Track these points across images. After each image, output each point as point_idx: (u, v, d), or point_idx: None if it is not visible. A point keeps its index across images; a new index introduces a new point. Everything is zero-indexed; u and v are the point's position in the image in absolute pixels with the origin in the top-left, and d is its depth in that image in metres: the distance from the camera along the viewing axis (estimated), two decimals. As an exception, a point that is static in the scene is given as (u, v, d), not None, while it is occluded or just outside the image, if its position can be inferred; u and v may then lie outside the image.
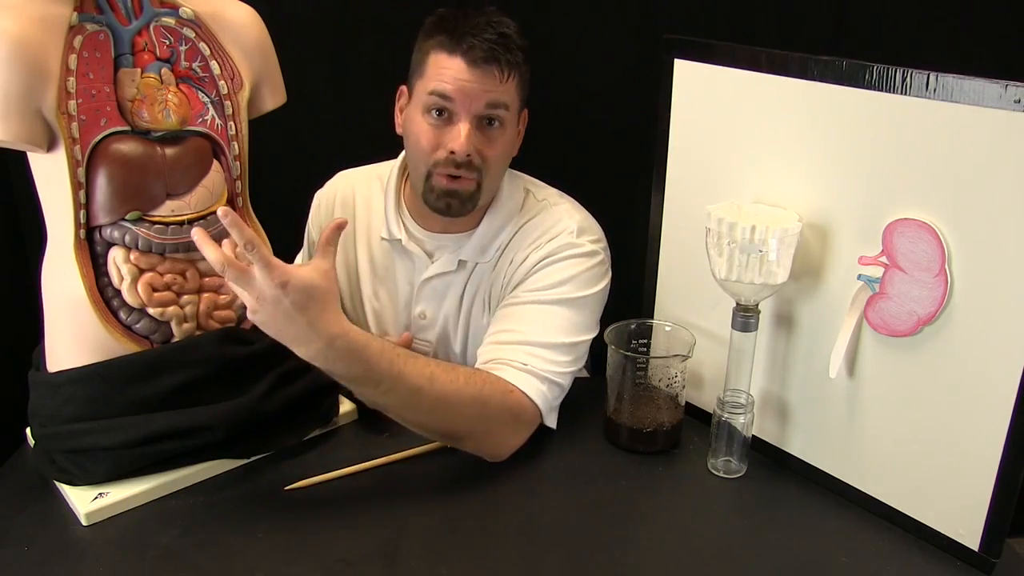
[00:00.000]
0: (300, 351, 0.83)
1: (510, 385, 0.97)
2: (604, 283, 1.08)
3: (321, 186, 1.24)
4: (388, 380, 0.88)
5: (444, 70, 0.98)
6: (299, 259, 1.28)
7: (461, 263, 1.10)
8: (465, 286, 1.11)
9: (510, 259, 1.08)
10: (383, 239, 1.14)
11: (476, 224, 1.09)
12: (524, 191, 1.12)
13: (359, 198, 1.17)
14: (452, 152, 1.00)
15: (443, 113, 1.00)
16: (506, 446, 0.98)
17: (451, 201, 1.03)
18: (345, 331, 0.84)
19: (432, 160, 1.01)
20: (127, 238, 0.88)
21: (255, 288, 0.80)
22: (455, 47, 0.98)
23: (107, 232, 0.88)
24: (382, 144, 1.16)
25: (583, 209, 1.11)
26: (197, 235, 0.82)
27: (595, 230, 1.09)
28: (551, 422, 1.03)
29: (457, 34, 0.98)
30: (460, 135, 0.99)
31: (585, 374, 1.35)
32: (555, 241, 1.06)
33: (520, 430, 0.99)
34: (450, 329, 1.14)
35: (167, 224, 0.90)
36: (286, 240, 1.26)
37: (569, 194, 1.13)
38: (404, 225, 1.12)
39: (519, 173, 1.15)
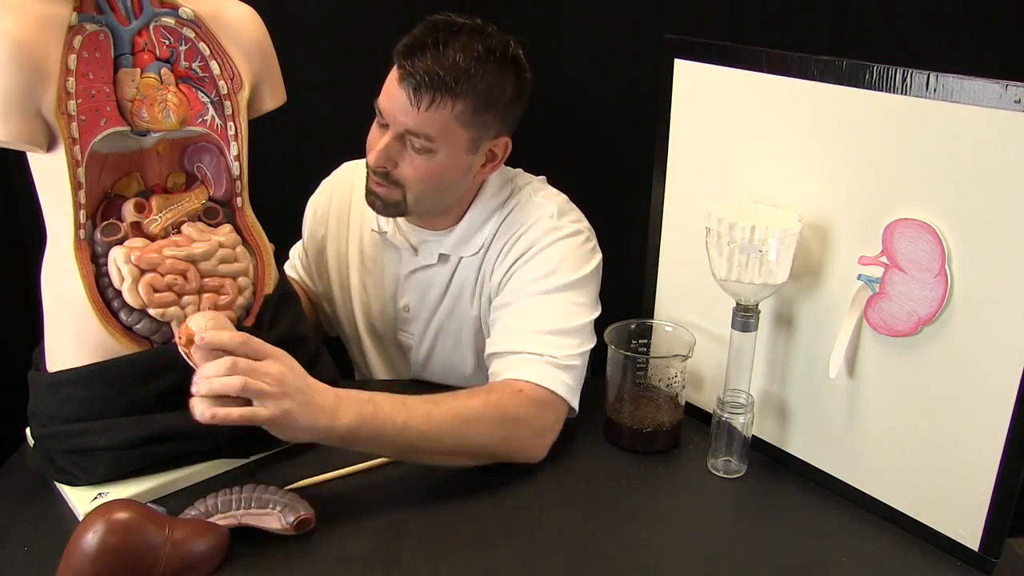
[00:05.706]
0: (326, 420, 0.84)
1: (519, 383, 0.97)
2: (595, 260, 1.07)
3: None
4: (398, 408, 0.89)
5: (388, 82, 1.00)
6: (297, 250, 1.28)
7: (442, 257, 1.12)
8: (450, 280, 1.12)
9: (497, 250, 1.09)
10: (373, 231, 1.16)
11: (458, 220, 1.10)
12: (510, 185, 1.12)
13: (357, 189, 1.18)
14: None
15: (384, 121, 1.01)
16: (540, 444, 0.98)
17: (375, 201, 1.06)
18: (334, 384, 0.88)
19: (367, 160, 1.05)
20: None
21: (275, 372, 0.82)
22: (399, 62, 0.98)
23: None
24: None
25: (562, 194, 1.12)
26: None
27: (575, 211, 1.10)
28: (576, 403, 1.02)
29: (406, 49, 0.98)
30: (378, 146, 1.01)
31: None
32: (536, 228, 1.06)
33: (547, 423, 0.98)
34: (434, 323, 1.15)
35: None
36: (286, 240, 1.26)
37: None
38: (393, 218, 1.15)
39: (509, 168, 1.14)
